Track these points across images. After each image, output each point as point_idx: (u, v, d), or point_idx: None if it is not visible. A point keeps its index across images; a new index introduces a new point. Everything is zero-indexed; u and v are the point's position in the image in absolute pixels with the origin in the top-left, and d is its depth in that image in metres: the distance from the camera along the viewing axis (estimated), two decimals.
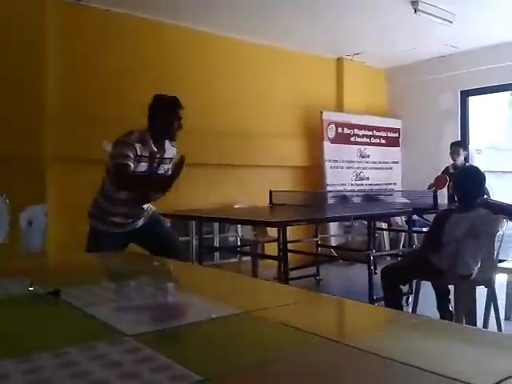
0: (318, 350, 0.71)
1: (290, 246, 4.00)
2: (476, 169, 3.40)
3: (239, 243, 5.56)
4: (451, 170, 5.64)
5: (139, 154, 2.72)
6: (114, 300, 0.97)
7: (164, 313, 0.88)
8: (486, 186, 3.21)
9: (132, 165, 2.68)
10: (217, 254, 5.71)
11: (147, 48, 5.16)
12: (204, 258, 4.55)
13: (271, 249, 4.90)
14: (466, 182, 3.20)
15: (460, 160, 5.60)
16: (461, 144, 5.85)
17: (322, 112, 6.37)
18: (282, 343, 0.75)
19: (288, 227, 3.46)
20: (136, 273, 1.33)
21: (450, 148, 5.72)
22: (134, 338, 0.73)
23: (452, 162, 5.67)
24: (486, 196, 3.26)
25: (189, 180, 4.36)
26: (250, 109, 5.93)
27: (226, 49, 5.77)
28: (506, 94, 10.17)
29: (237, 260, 5.50)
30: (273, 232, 5.04)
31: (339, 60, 6.97)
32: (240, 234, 5.42)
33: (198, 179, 5.34)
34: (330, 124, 6.49)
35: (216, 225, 5.63)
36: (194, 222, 5.18)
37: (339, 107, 6.92)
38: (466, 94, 6.79)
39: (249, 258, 5.28)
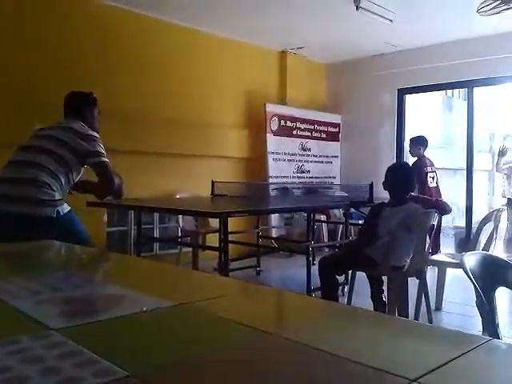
0: (251, 343, 0.70)
1: (231, 237, 4.01)
2: (407, 164, 3.55)
3: (180, 234, 5.51)
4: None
5: None
6: (39, 292, 0.92)
7: (92, 306, 0.85)
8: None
9: None
10: (157, 245, 5.63)
11: (92, 34, 4.96)
12: (143, 249, 4.47)
13: (213, 239, 4.89)
14: (398, 177, 3.33)
15: (418, 154, 5.69)
16: (418, 141, 5.81)
17: (265, 104, 6.40)
18: (215, 336, 0.74)
19: (229, 218, 3.46)
20: (64, 264, 1.28)
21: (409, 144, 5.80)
22: (58, 331, 0.70)
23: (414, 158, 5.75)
24: (415, 190, 3.40)
25: (128, 168, 4.27)
26: (193, 99, 5.87)
27: (170, 37, 5.67)
28: (441, 93, 10.64)
29: (177, 251, 5.45)
30: (214, 223, 5.03)
31: (283, 53, 7.02)
32: (181, 225, 5.37)
33: (138, 168, 5.23)
34: (273, 116, 6.53)
35: (156, 215, 5.55)
36: (132, 212, 5.08)
37: (282, 100, 6.98)
38: (403, 92, 7.03)
39: (189, 248, 5.25)
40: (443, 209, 3.29)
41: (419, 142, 5.77)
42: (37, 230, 2.42)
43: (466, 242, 6.16)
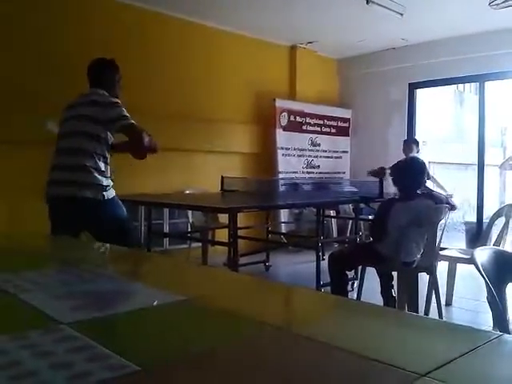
0: (261, 338, 0.70)
1: (240, 233, 4.01)
2: (417, 159, 3.53)
3: (189, 229, 5.52)
4: None
5: None
6: (51, 286, 0.93)
7: (103, 300, 0.86)
8: (428, 176, 3.35)
9: None
10: (166, 240, 5.65)
11: (96, 26, 4.97)
12: (153, 244, 4.49)
13: (222, 235, 4.90)
14: (409, 172, 3.31)
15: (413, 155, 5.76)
16: (414, 141, 5.99)
17: (275, 99, 6.38)
18: (225, 331, 0.74)
19: (239, 213, 3.46)
20: (77, 259, 1.29)
21: (403, 145, 5.87)
22: (69, 326, 0.70)
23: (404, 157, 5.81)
24: (426, 185, 3.39)
25: (139, 164, 4.28)
26: (202, 93, 5.87)
27: (178, 31, 5.66)
28: (452, 87, 10.54)
29: (187, 246, 5.46)
30: (224, 218, 5.04)
31: (292, 48, 6.99)
32: (190, 220, 5.38)
33: (148, 163, 5.22)
34: (282, 112, 6.52)
35: (166, 210, 5.57)
36: (143, 208, 5.10)
37: (292, 95, 6.95)
38: (413, 87, 6.98)
39: (199, 244, 5.26)
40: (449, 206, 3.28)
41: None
42: (86, 211, 2.65)
43: (477, 237, 6.11)
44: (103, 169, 2.74)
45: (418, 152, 5.87)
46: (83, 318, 0.75)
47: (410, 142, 5.91)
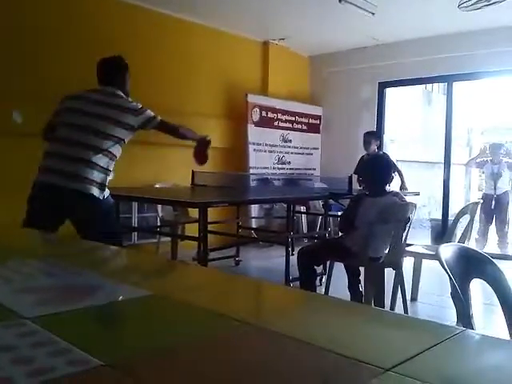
0: (228, 333, 0.70)
1: (210, 227, 3.99)
2: (385, 156, 3.59)
3: (159, 223, 5.47)
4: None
5: None
6: (14, 280, 0.91)
7: (68, 295, 0.84)
8: (395, 169, 3.42)
9: None
10: (135, 235, 5.58)
11: (69, 19, 4.86)
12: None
13: (192, 229, 4.87)
14: (377, 168, 3.36)
15: (371, 149, 5.80)
16: (372, 134, 6.06)
17: (247, 95, 6.37)
18: (191, 326, 0.74)
19: (209, 208, 3.45)
20: (40, 252, 1.26)
21: (363, 138, 5.92)
22: (31, 320, 0.69)
23: (365, 151, 5.87)
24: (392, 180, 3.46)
25: None
26: (174, 87, 5.80)
27: (150, 24, 5.58)
28: (421, 87, 10.73)
29: (156, 241, 5.41)
30: (194, 212, 5.01)
31: (265, 43, 6.98)
32: (160, 214, 5.33)
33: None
34: (254, 107, 6.51)
35: (135, 204, 5.50)
36: None
37: (264, 91, 6.95)
38: (383, 86, 7.07)
39: (168, 238, 5.22)
40: None
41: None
42: (85, 207, 2.64)
43: (442, 234, 6.25)
44: (110, 168, 2.77)
45: (377, 146, 5.89)
46: (47, 313, 0.73)
47: (369, 137, 5.87)
